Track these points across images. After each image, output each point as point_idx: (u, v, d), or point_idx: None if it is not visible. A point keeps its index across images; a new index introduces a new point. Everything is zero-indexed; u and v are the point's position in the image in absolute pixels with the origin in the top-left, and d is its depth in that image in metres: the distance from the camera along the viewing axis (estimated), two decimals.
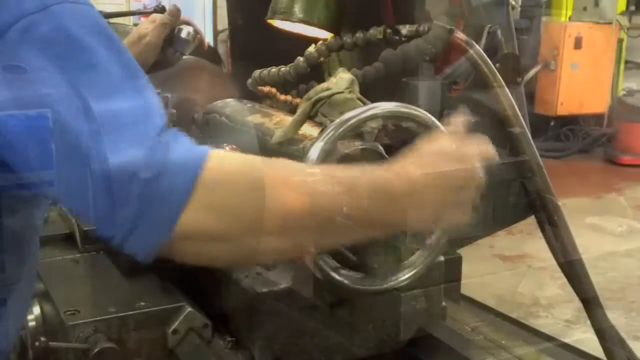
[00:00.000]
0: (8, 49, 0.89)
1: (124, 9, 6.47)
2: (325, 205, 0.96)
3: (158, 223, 0.87)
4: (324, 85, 1.64)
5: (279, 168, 0.96)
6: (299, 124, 1.60)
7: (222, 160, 0.91)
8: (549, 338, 2.46)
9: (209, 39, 9.21)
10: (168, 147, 0.88)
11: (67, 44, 0.89)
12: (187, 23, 1.85)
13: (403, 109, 1.38)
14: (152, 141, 0.87)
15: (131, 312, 1.52)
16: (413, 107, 1.40)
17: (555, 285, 4.49)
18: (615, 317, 3.46)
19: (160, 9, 2.24)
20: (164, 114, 0.93)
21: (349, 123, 1.34)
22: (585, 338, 3.51)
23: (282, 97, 2.12)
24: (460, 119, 1.25)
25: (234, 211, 0.90)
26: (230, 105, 2.01)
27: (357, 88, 1.62)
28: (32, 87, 0.88)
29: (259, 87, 2.12)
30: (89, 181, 0.87)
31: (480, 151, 1.17)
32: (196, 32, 1.86)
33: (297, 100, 2.02)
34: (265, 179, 0.92)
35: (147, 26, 1.85)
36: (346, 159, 1.39)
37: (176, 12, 1.83)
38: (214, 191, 0.89)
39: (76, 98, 0.87)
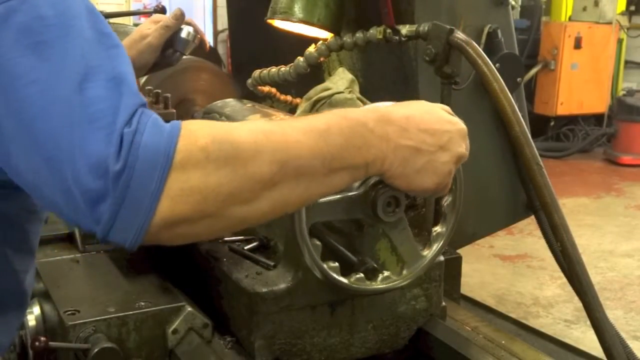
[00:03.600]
0: None
1: (124, 9, 6.47)
2: (297, 159, 0.96)
3: (136, 214, 0.87)
4: (324, 85, 1.64)
5: (247, 133, 0.94)
6: None
7: (190, 140, 0.89)
8: (548, 338, 2.47)
9: (209, 39, 9.21)
10: (137, 134, 0.87)
11: (44, 33, 0.89)
12: (189, 24, 1.85)
13: None
14: (120, 130, 0.86)
15: (131, 312, 1.52)
16: None
17: (555, 285, 4.49)
18: (614, 316, 3.46)
19: (160, 9, 2.24)
20: (137, 96, 0.91)
21: None
22: (585, 338, 3.51)
23: (282, 97, 2.12)
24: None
25: (210, 190, 0.90)
26: (230, 105, 2.01)
27: (357, 88, 1.62)
28: (7, 76, 0.87)
29: (259, 87, 2.12)
30: (61, 179, 0.87)
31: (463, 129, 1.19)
32: (197, 32, 1.86)
33: (297, 100, 2.03)
34: (235, 148, 0.92)
35: (149, 26, 1.84)
36: None
37: (180, 15, 1.83)
38: (187, 174, 0.88)
39: (52, 90, 0.87)
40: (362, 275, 1.42)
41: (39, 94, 0.87)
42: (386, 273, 1.45)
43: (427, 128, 1.10)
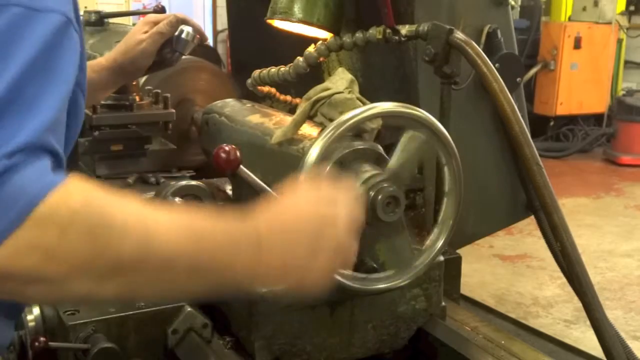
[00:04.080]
0: None
1: (123, 9, 6.47)
2: (163, 254, 0.90)
3: None
4: (323, 85, 1.64)
5: (122, 211, 0.88)
6: (299, 124, 1.60)
7: (63, 197, 0.83)
8: (548, 338, 2.47)
9: (209, 40, 9.22)
10: (12, 170, 0.80)
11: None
12: (185, 21, 1.84)
13: (403, 109, 1.38)
14: None
15: (131, 312, 1.52)
16: (412, 107, 1.40)
17: (555, 285, 4.49)
18: (614, 316, 3.46)
19: (160, 9, 2.24)
20: (42, 138, 0.85)
21: (349, 123, 1.34)
22: (584, 338, 3.51)
23: (282, 97, 2.12)
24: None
25: (61, 252, 0.82)
26: (230, 105, 2.01)
27: (356, 88, 1.62)
28: None
29: (259, 87, 2.12)
30: None
31: (345, 196, 1.06)
32: (196, 31, 1.86)
33: (297, 100, 2.02)
34: (102, 221, 0.85)
35: (143, 29, 1.84)
36: (345, 159, 1.39)
37: (175, 22, 1.82)
38: (43, 230, 0.81)
39: None
40: (361, 275, 1.42)
41: None
42: (386, 273, 1.45)
43: (298, 229, 1.00)
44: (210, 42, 9.14)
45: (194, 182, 1.72)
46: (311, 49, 2.04)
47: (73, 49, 0.96)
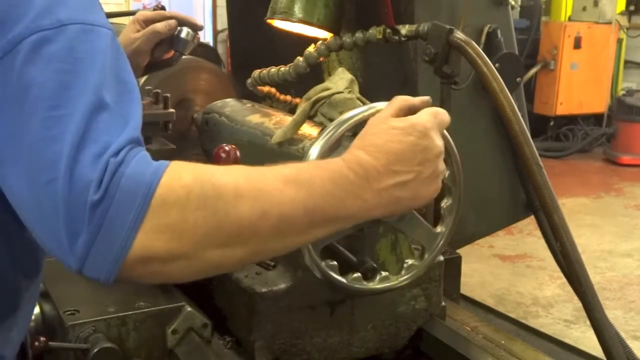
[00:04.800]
0: (17, 61, 0.90)
1: (123, 8, 6.47)
2: (279, 208, 0.95)
3: (111, 247, 0.86)
4: (323, 85, 1.64)
5: (230, 177, 0.94)
6: (299, 124, 1.60)
7: (174, 177, 0.89)
8: (548, 338, 2.47)
9: (208, 39, 9.22)
10: (122, 165, 0.86)
11: (72, 64, 0.91)
12: (175, 17, 1.83)
13: None
14: (107, 160, 0.86)
15: (131, 312, 1.52)
16: None
17: (555, 285, 4.49)
18: (614, 316, 3.46)
19: (160, 9, 2.24)
20: (135, 129, 0.92)
21: (349, 123, 1.34)
22: (584, 337, 3.51)
23: (282, 97, 2.12)
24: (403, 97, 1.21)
25: (187, 229, 0.89)
26: (230, 105, 2.01)
27: (356, 88, 1.62)
28: (32, 102, 0.89)
29: (259, 87, 2.12)
30: (53, 204, 0.86)
31: (432, 116, 1.13)
32: (189, 23, 1.85)
33: (297, 100, 2.02)
34: (217, 189, 0.91)
35: (135, 27, 1.83)
36: None
37: (174, 27, 1.83)
38: (165, 212, 0.87)
39: (70, 117, 0.88)
40: (361, 275, 1.42)
41: (56, 119, 0.89)
42: (385, 273, 1.45)
43: (401, 158, 1.07)
44: (210, 42, 9.15)
45: None
46: (311, 48, 2.04)
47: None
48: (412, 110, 1.16)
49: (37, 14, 0.92)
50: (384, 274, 1.44)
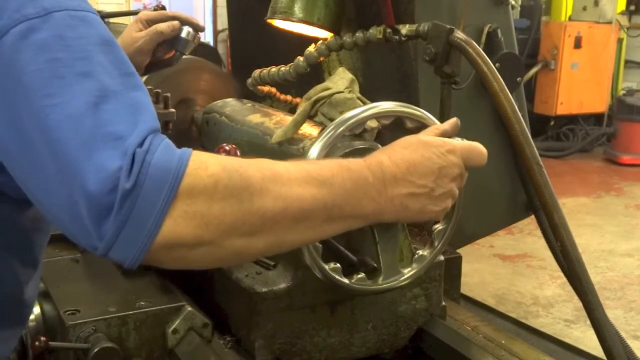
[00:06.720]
0: (5, 52, 0.90)
1: (123, 8, 6.47)
2: (300, 203, 0.98)
3: (139, 232, 0.88)
4: (323, 84, 1.64)
5: (256, 169, 0.96)
6: (299, 123, 1.60)
7: (201, 166, 0.91)
8: (548, 337, 2.47)
9: (209, 39, 9.22)
10: (149, 154, 0.88)
11: (62, 51, 0.91)
12: (176, 17, 1.83)
13: (403, 109, 1.38)
14: (133, 150, 0.87)
15: (131, 312, 1.52)
16: (413, 106, 1.40)
17: (555, 285, 4.49)
18: (614, 316, 3.46)
19: (161, 9, 2.24)
20: (153, 118, 0.93)
21: (349, 122, 1.34)
22: (584, 337, 3.51)
23: (282, 96, 2.12)
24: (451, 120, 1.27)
25: (213, 217, 0.91)
26: (230, 105, 2.01)
27: (357, 88, 1.62)
28: (24, 89, 0.89)
29: (259, 87, 2.12)
30: (69, 192, 0.88)
31: (466, 146, 1.18)
32: (190, 22, 1.85)
33: (297, 99, 2.03)
34: (244, 180, 0.94)
35: (137, 27, 1.83)
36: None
37: (178, 29, 1.83)
38: (193, 199, 0.89)
39: (67, 105, 0.89)
40: (362, 275, 1.42)
41: (51, 107, 0.89)
42: (386, 273, 1.45)
43: (419, 170, 1.11)
44: (210, 42, 9.15)
45: None
46: (311, 48, 2.04)
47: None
48: (445, 135, 1.22)
49: (21, 3, 0.92)
50: (384, 274, 1.44)
